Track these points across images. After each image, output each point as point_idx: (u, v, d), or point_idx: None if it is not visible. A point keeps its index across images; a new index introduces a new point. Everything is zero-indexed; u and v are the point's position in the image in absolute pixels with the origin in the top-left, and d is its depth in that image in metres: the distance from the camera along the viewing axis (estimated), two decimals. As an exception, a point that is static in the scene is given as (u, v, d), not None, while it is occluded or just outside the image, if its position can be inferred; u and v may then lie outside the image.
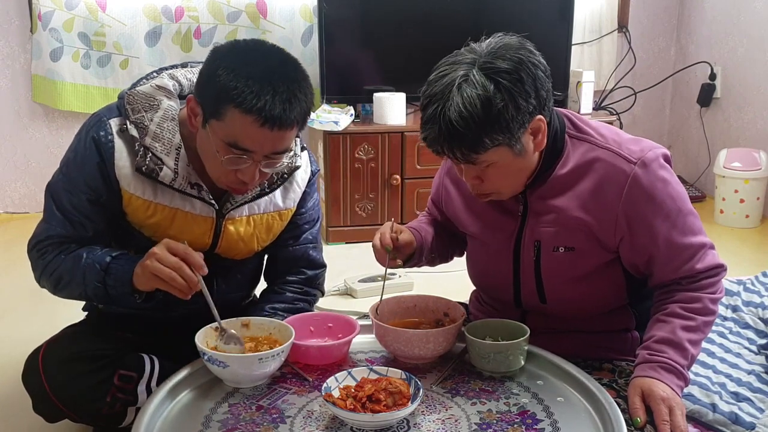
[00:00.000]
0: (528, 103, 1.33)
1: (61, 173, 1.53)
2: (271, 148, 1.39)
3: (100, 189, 1.48)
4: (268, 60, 1.38)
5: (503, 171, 1.40)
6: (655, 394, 1.33)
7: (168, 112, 1.48)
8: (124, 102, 1.49)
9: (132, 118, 1.47)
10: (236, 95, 1.32)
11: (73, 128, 3.69)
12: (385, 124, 3.42)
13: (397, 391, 1.28)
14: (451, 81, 1.32)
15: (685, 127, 4.31)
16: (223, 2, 3.66)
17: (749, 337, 2.06)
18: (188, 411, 1.34)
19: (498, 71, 1.31)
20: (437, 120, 1.32)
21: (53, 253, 1.50)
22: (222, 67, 1.35)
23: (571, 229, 1.46)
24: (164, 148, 1.46)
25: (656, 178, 1.43)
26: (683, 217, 1.45)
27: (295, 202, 1.66)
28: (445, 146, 1.35)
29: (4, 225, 3.67)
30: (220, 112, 1.35)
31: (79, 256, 1.47)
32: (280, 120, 1.34)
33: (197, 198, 1.52)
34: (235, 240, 1.60)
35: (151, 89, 1.50)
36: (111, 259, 1.45)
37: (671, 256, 1.44)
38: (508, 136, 1.33)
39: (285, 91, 1.35)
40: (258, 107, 1.32)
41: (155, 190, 1.49)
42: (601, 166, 1.45)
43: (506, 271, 1.56)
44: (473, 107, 1.30)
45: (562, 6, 3.65)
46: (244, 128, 1.35)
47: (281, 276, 1.73)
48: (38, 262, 1.52)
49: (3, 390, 1.97)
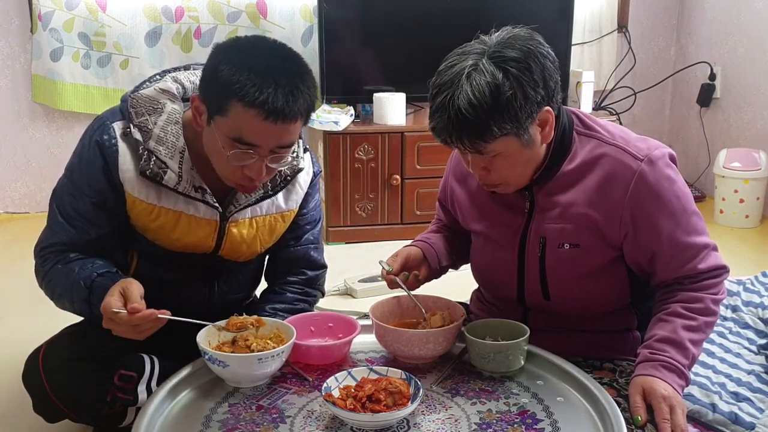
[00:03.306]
0: (536, 93, 1.34)
1: (65, 178, 1.53)
2: (277, 142, 1.39)
3: (105, 192, 1.48)
4: (269, 54, 1.38)
5: (510, 161, 1.40)
6: (656, 393, 1.33)
7: (172, 116, 1.48)
8: (127, 105, 1.49)
9: (136, 122, 1.47)
10: (239, 89, 1.32)
11: (73, 128, 3.70)
12: (385, 124, 3.42)
13: (397, 391, 1.28)
14: (461, 70, 1.33)
15: (685, 127, 4.31)
16: (223, 2, 3.66)
17: (749, 337, 2.07)
18: (188, 411, 1.34)
19: (506, 60, 1.32)
20: (446, 108, 1.33)
21: (52, 262, 1.50)
22: (224, 62, 1.36)
23: (577, 225, 1.47)
24: (168, 151, 1.46)
25: (662, 176, 1.43)
26: (688, 216, 1.45)
27: (298, 203, 1.66)
28: (453, 135, 1.35)
29: (4, 225, 3.67)
30: (223, 107, 1.35)
31: (71, 270, 1.46)
32: (284, 112, 1.34)
33: (201, 201, 1.52)
34: (238, 242, 1.60)
35: (155, 92, 1.50)
36: (96, 276, 1.44)
37: (674, 255, 1.44)
38: (516, 125, 1.34)
39: (287, 84, 1.35)
40: (261, 100, 1.32)
41: (159, 193, 1.49)
42: (607, 162, 1.45)
43: (511, 267, 1.56)
44: (482, 95, 1.30)
45: (562, 6, 3.66)
46: (248, 122, 1.35)
47: (282, 276, 1.73)
48: (40, 269, 1.53)
49: (3, 390, 1.97)
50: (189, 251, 1.58)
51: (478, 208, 1.60)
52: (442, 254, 1.66)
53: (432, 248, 1.64)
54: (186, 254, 1.58)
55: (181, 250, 1.57)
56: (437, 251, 1.65)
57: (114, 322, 1.35)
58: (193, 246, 1.57)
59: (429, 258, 1.62)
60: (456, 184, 1.66)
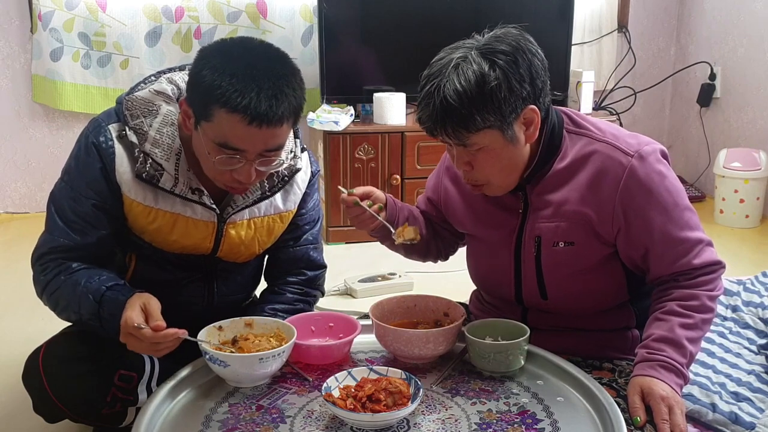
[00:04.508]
0: (522, 87, 1.36)
1: (63, 181, 1.51)
2: (263, 146, 1.38)
3: (104, 193, 1.47)
4: (252, 57, 1.37)
5: (493, 158, 1.41)
6: (654, 393, 1.34)
7: (167, 117, 1.48)
8: (122, 107, 1.48)
9: (131, 124, 1.46)
10: (220, 95, 1.31)
11: (73, 128, 3.71)
12: (385, 124, 3.43)
13: (397, 391, 1.28)
14: (449, 61, 1.37)
15: (685, 127, 4.31)
16: (223, 2, 3.66)
17: (749, 337, 2.06)
18: (188, 411, 1.34)
19: (495, 52, 1.35)
20: (432, 96, 1.36)
21: (53, 272, 1.47)
22: (207, 67, 1.34)
23: (571, 223, 1.47)
24: (164, 153, 1.46)
25: (653, 171, 1.44)
26: (680, 211, 1.45)
27: (296, 203, 1.65)
28: (438, 123, 1.38)
29: (4, 225, 3.68)
30: (208, 113, 1.34)
31: (76, 283, 1.44)
32: (267, 117, 1.33)
33: (198, 203, 1.51)
34: (237, 244, 1.59)
35: (150, 94, 1.49)
36: (106, 289, 1.42)
37: (667, 250, 1.44)
38: (499, 117, 1.36)
39: (270, 87, 1.33)
40: (243, 105, 1.31)
41: (156, 196, 1.49)
42: (598, 158, 1.46)
43: (507, 268, 1.57)
44: (468, 83, 1.33)
45: (562, 6, 3.66)
46: (231, 128, 1.34)
47: (281, 277, 1.73)
48: (40, 278, 1.50)
49: (3, 390, 1.97)
50: (187, 253, 1.58)
51: (472, 210, 1.61)
52: (403, 216, 1.63)
53: (395, 204, 1.63)
54: (184, 256, 1.58)
55: (179, 252, 1.57)
56: (398, 208, 1.63)
57: (133, 337, 1.34)
58: (191, 248, 1.56)
59: (389, 207, 1.60)
60: (450, 185, 1.66)
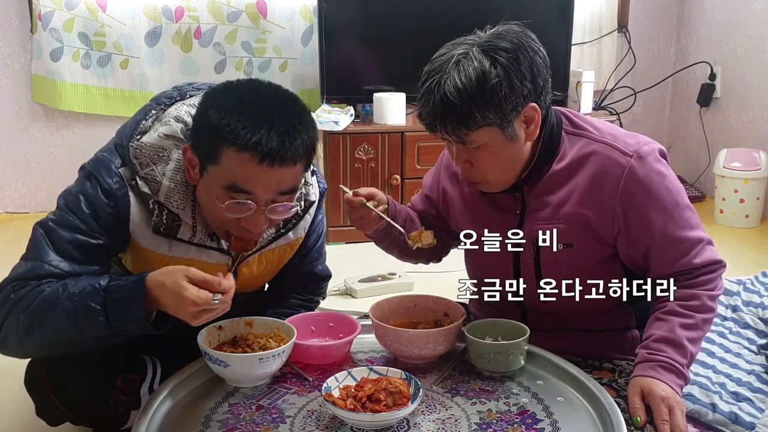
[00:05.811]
0: (523, 85, 1.35)
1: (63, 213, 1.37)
2: (275, 188, 1.30)
3: (115, 237, 1.39)
4: (261, 95, 1.31)
5: (493, 155, 1.41)
6: (654, 394, 1.34)
7: (180, 163, 1.38)
8: (129, 155, 1.38)
9: (141, 173, 1.37)
10: (229, 132, 1.24)
11: (72, 128, 3.70)
12: (385, 124, 3.43)
13: (397, 391, 1.28)
14: (450, 57, 1.36)
15: (685, 127, 4.31)
16: (223, 2, 3.65)
17: (749, 337, 2.07)
18: (188, 411, 1.34)
19: (496, 49, 1.35)
20: (433, 93, 1.35)
21: (29, 287, 1.31)
22: (213, 107, 1.28)
23: (570, 225, 1.47)
24: (180, 202, 1.38)
25: (653, 171, 1.43)
26: (680, 210, 1.45)
27: (305, 229, 1.59)
28: (438, 120, 1.37)
29: (4, 225, 3.67)
30: (215, 154, 1.27)
31: (63, 285, 1.30)
32: (280, 154, 1.25)
33: (215, 249, 1.45)
34: (248, 279, 1.56)
35: (159, 139, 1.39)
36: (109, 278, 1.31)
37: (667, 249, 1.44)
38: (499, 115, 1.35)
39: (282, 123, 1.26)
40: (253, 142, 1.23)
41: (170, 244, 1.42)
42: (597, 158, 1.45)
43: (507, 269, 1.56)
44: (468, 80, 1.33)
45: (562, 6, 3.66)
46: (242, 167, 1.26)
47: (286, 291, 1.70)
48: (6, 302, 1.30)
49: (5, 394, 1.96)
50: None
51: (470, 211, 1.60)
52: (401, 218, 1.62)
53: (395, 207, 1.62)
54: None
55: None
56: (398, 211, 1.62)
57: (205, 311, 1.25)
58: None
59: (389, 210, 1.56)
60: (449, 185, 1.66)
